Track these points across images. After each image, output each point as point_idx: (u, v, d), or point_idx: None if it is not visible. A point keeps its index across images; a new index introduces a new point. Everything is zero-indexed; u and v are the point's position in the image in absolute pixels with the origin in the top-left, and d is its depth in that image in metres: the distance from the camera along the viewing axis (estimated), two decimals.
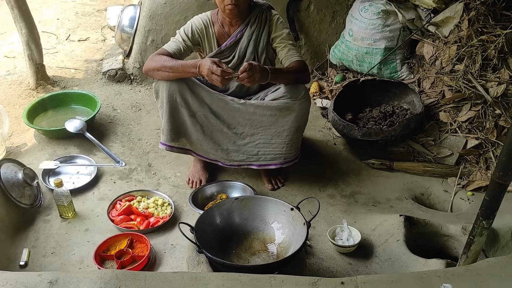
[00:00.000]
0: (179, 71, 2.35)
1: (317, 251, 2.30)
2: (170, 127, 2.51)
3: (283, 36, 2.53)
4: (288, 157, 2.59)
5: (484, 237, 1.53)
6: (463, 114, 2.97)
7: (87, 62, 3.98)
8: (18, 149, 2.92)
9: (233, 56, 2.56)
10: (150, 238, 2.29)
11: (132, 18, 3.70)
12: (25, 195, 2.44)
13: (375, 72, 3.52)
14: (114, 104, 3.45)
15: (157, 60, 2.39)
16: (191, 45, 2.52)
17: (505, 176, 1.39)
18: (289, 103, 2.44)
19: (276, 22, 2.54)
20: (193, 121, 2.50)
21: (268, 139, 2.54)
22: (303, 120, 2.56)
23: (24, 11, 3.26)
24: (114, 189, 2.65)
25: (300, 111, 2.47)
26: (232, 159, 2.61)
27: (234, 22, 2.52)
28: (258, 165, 2.62)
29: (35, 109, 3.14)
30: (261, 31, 2.53)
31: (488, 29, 3.09)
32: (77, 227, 2.41)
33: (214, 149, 2.59)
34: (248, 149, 2.58)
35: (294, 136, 2.54)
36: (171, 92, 2.42)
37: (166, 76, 2.39)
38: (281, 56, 2.54)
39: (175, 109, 2.47)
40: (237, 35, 2.52)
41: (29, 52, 3.39)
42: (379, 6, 3.41)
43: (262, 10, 2.53)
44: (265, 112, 2.47)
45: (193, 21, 2.55)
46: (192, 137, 2.56)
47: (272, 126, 2.50)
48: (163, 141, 2.57)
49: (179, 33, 2.53)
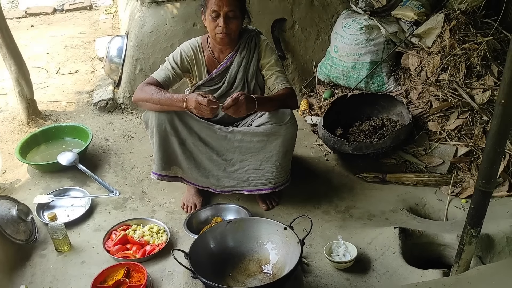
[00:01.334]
0: (166, 104, 2.35)
1: (314, 268, 2.30)
2: (161, 156, 2.52)
3: (271, 63, 2.56)
4: (279, 181, 2.59)
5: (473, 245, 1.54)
6: (451, 123, 3.00)
7: (78, 94, 4.01)
8: (12, 185, 2.93)
9: (222, 83, 2.57)
10: (147, 266, 2.28)
11: (119, 48, 3.75)
12: (20, 231, 2.44)
13: (362, 86, 3.56)
14: (106, 134, 3.48)
15: (146, 90, 2.40)
16: (180, 73, 2.53)
17: (487, 183, 1.40)
18: (275, 128, 2.46)
19: (265, 48, 2.57)
20: (183, 149, 2.52)
21: (257, 165, 2.55)
22: (290, 144, 2.56)
23: (12, 49, 3.30)
24: (109, 219, 2.66)
25: (286, 136, 2.49)
26: (223, 185, 2.62)
27: (224, 49, 2.54)
28: (249, 190, 2.62)
29: (28, 144, 3.16)
30: (250, 57, 2.55)
31: (470, 37, 3.13)
32: (73, 260, 2.40)
33: (205, 176, 2.59)
34: (238, 175, 2.59)
35: (282, 161, 2.55)
36: (160, 122, 2.43)
37: (154, 108, 2.40)
38: (269, 83, 2.58)
39: (165, 138, 2.48)
40: (227, 61, 2.54)
41: (20, 89, 3.42)
42: (361, 22, 3.47)
43: (251, 36, 2.56)
44: (252, 138, 2.49)
45: (182, 47, 2.56)
46: (182, 164, 2.57)
47: (261, 152, 2.52)
48: (155, 171, 2.58)
49: (168, 60, 2.54)
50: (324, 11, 3.89)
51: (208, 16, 2.39)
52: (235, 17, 2.40)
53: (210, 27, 2.41)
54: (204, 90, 2.57)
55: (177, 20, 3.61)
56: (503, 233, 2.28)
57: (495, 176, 1.43)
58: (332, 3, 3.89)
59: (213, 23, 2.39)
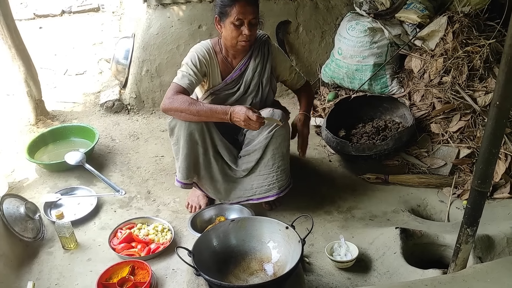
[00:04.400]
0: (206, 115, 2.34)
1: (316, 267, 2.33)
2: (187, 165, 2.53)
3: (286, 65, 2.69)
4: (282, 184, 2.62)
5: (470, 244, 1.56)
6: (453, 125, 3.02)
7: (85, 95, 4.07)
8: (20, 184, 2.98)
9: (238, 88, 2.59)
10: (151, 264, 2.32)
11: (126, 50, 3.80)
12: (28, 229, 2.49)
13: (366, 88, 3.59)
14: (113, 134, 3.53)
15: (179, 100, 2.34)
16: (200, 77, 2.49)
17: (483, 183, 1.43)
18: (270, 134, 2.49)
19: (278, 53, 2.64)
20: (204, 159, 2.54)
21: (258, 172, 2.59)
22: (285, 146, 2.57)
23: (21, 50, 3.36)
24: (115, 218, 2.70)
25: (279, 137, 2.51)
26: (232, 197, 2.67)
27: (237, 54, 2.55)
28: (256, 199, 2.65)
29: (36, 143, 3.22)
30: (265, 63, 2.58)
31: (473, 40, 3.16)
32: (80, 258, 2.45)
33: (215, 189, 2.64)
34: (245, 185, 2.63)
35: (281, 163, 2.57)
36: (191, 131, 2.42)
37: (188, 118, 2.38)
38: (292, 83, 2.74)
39: (192, 147, 2.48)
40: (242, 67, 2.55)
41: (28, 89, 3.48)
42: (365, 24, 3.50)
43: (263, 42, 2.58)
44: (256, 156, 2.56)
45: (198, 51, 2.50)
46: (201, 173, 2.60)
47: (260, 160, 2.57)
48: (180, 179, 2.61)
49: (187, 65, 2.46)
50: (328, 14, 3.92)
51: (230, 25, 2.36)
52: (256, 24, 2.42)
53: (232, 35, 2.39)
54: (220, 94, 2.58)
55: (182, 22, 3.66)
56: (504, 234, 2.29)
57: (491, 176, 1.46)
58: (336, 6, 3.92)
59: (236, 31, 2.37)
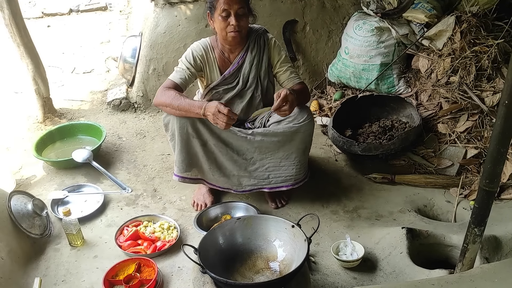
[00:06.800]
0: (185, 110, 2.36)
1: (321, 267, 2.33)
2: (183, 158, 2.55)
3: (282, 59, 2.62)
4: (298, 178, 2.63)
5: (477, 244, 1.56)
6: (461, 125, 3.01)
7: (92, 93, 4.09)
8: (27, 181, 3.01)
9: (237, 82, 2.61)
10: (157, 261, 2.33)
11: (133, 48, 3.81)
12: (35, 226, 2.51)
13: (373, 88, 3.58)
14: (119, 132, 3.54)
15: (167, 95, 2.40)
16: (195, 72, 2.55)
17: (491, 183, 1.42)
18: (295, 127, 2.50)
19: (274, 45, 2.62)
20: (205, 151, 2.54)
21: (277, 163, 2.59)
22: (308, 141, 2.62)
23: (29, 48, 3.39)
24: (121, 215, 2.72)
25: (305, 133, 2.53)
26: (244, 185, 2.65)
27: (234, 49, 2.58)
28: (269, 188, 2.65)
29: (44, 141, 3.25)
30: (261, 56, 2.59)
31: (481, 40, 3.14)
32: (86, 254, 2.46)
33: (226, 177, 2.63)
34: (258, 173, 2.62)
35: (302, 158, 2.59)
36: (182, 125, 2.45)
37: (173, 112, 2.42)
38: (283, 79, 2.62)
39: (187, 141, 2.50)
40: (239, 61, 2.58)
41: (36, 87, 3.50)
42: (372, 24, 3.49)
43: (259, 35, 2.60)
44: (273, 138, 2.52)
45: (193, 47, 2.59)
46: (204, 166, 2.60)
47: (280, 150, 2.55)
48: (176, 173, 2.61)
49: (181, 62, 2.56)
50: (335, 13, 3.91)
51: (218, 17, 2.41)
52: (244, 14, 2.44)
53: (221, 27, 2.43)
54: (219, 89, 2.61)
55: (190, 21, 3.67)
56: (511, 235, 2.29)
57: (499, 176, 1.45)
58: (344, 5, 3.92)
59: (224, 23, 2.41)
